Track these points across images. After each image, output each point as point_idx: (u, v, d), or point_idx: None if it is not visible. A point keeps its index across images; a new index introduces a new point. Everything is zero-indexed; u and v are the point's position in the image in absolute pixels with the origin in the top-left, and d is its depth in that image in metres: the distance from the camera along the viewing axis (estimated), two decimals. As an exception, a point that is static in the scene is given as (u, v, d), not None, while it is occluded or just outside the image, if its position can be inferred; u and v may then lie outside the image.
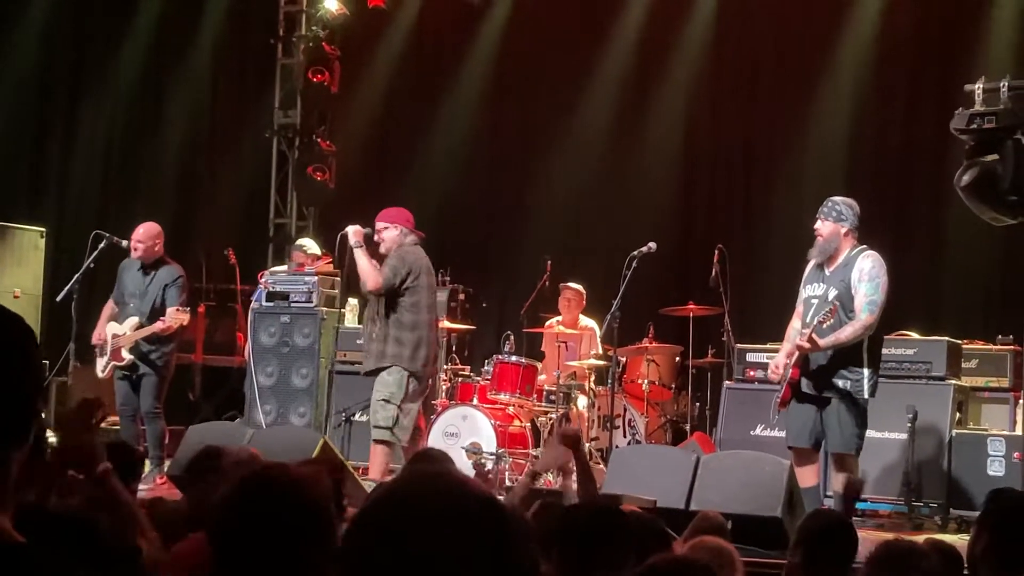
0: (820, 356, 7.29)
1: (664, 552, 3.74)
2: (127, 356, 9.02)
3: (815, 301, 7.40)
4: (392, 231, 8.27)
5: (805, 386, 7.32)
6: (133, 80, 13.90)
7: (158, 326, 8.92)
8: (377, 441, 8.09)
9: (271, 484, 2.32)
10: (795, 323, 7.58)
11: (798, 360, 7.27)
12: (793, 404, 7.37)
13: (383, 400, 8.08)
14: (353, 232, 8.22)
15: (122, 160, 14.02)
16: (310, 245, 11.21)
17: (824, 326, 7.21)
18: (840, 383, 7.27)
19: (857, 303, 7.28)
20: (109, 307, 9.31)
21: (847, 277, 7.34)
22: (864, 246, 7.50)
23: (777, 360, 7.48)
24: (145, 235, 9.20)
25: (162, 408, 9.13)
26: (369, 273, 8.14)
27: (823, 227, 7.44)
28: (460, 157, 13.66)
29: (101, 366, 9.17)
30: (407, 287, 8.18)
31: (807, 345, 7.15)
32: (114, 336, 9.09)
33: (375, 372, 8.20)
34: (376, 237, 8.31)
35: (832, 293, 7.34)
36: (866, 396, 7.30)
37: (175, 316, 8.92)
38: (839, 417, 7.28)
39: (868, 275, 7.31)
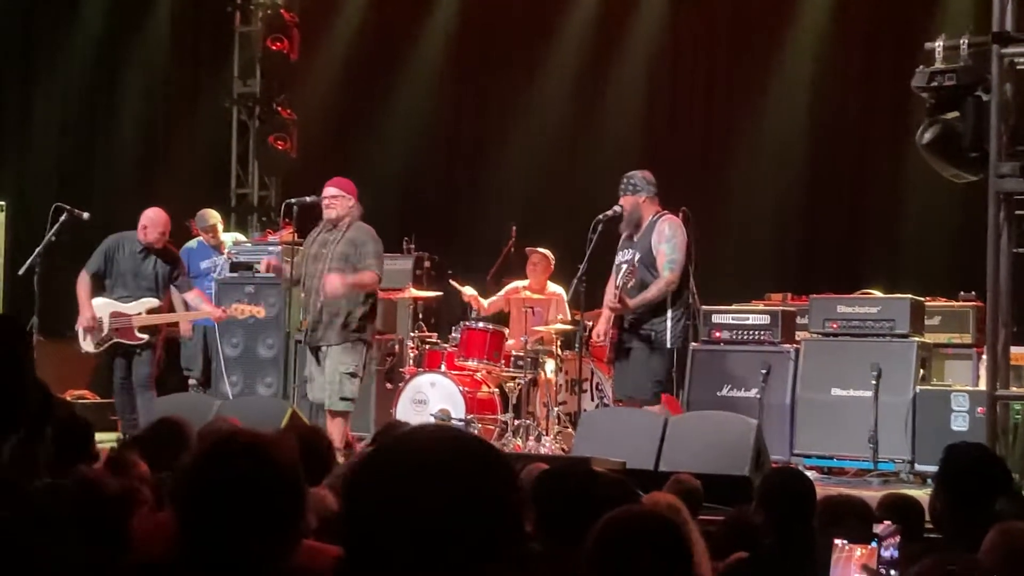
0: (630, 313, 7.93)
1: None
2: (143, 336, 8.88)
3: (624, 266, 8.00)
4: (347, 200, 8.30)
5: (623, 342, 7.98)
6: (90, 50, 13.74)
7: (216, 313, 9.16)
8: (338, 412, 8.16)
9: (238, 448, 2.24)
10: (609, 288, 8.13)
11: (614, 321, 7.98)
12: (620, 361, 8.06)
13: (349, 373, 8.16)
14: (337, 286, 8.08)
15: (81, 132, 13.87)
16: (209, 216, 11.04)
17: (629, 286, 7.88)
18: (643, 332, 7.91)
19: (659, 263, 7.95)
20: (86, 284, 8.96)
21: (648, 241, 7.98)
22: (664, 212, 8.12)
23: (598, 329, 8.16)
24: (163, 222, 9.05)
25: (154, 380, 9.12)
26: (368, 281, 8.18)
27: (625, 202, 8.14)
28: (422, 123, 13.59)
29: (92, 343, 8.90)
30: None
31: (618, 306, 7.89)
32: (117, 314, 8.87)
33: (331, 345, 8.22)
34: (327, 203, 8.30)
35: (636, 257, 7.98)
36: (669, 345, 7.89)
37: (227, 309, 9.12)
38: (636, 364, 7.93)
39: (666, 237, 7.99)
